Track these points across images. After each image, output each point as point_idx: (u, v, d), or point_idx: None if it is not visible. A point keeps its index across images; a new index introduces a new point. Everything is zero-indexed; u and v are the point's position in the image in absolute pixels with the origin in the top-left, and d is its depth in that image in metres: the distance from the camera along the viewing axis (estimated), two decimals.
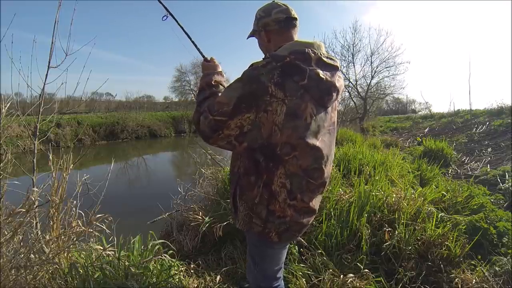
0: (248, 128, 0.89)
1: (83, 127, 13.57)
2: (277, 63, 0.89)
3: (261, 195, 0.97)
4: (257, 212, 1.00)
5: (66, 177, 1.68)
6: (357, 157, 3.75)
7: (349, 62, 14.09)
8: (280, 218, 0.99)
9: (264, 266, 1.15)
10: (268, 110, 0.87)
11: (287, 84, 0.88)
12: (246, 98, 0.87)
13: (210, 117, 0.90)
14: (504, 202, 3.04)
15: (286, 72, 0.88)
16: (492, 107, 11.33)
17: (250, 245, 1.16)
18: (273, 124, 0.89)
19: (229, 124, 0.89)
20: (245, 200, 1.01)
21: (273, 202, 0.98)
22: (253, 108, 0.87)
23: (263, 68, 0.88)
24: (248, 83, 0.88)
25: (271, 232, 1.01)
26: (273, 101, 0.87)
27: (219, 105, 0.90)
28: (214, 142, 0.93)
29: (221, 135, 0.91)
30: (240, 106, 0.87)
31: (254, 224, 1.01)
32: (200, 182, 2.97)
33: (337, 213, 2.18)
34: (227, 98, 0.89)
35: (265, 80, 0.86)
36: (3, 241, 1.32)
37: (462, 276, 1.75)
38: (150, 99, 27.92)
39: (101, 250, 1.56)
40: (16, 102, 1.80)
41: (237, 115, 0.88)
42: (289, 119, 0.89)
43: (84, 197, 1.73)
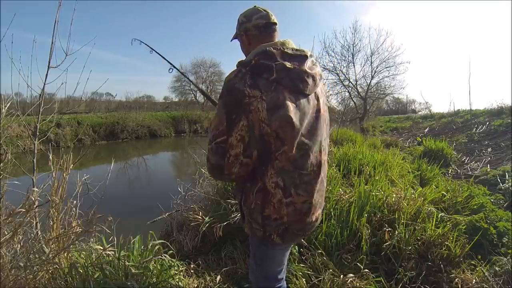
0: (248, 136, 0.93)
1: (83, 127, 13.57)
2: (245, 68, 0.95)
3: (255, 201, 1.01)
4: (254, 218, 1.03)
5: (66, 177, 1.68)
6: (357, 157, 3.75)
7: (349, 62, 14.11)
8: (276, 220, 1.00)
9: (266, 267, 1.15)
10: (252, 110, 0.91)
11: (259, 83, 0.92)
12: (232, 108, 0.92)
13: (211, 145, 0.95)
14: (504, 202, 3.04)
15: (255, 72, 0.94)
16: (492, 107, 11.33)
17: (252, 246, 1.18)
18: (259, 121, 0.92)
19: (231, 142, 0.92)
20: (246, 206, 1.04)
21: (267, 206, 0.99)
22: (241, 114, 0.91)
23: (236, 77, 0.94)
24: (227, 95, 0.93)
25: (271, 234, 1.02)
26: (252, 100, 0.91)
27: (215, 129, 0.95)
28: (229, 171, 0.96)
29: (231, 158, 0.94)
30: (231, 118, 0.92)
31: (255, 229, 1.05)
32: (200, 182, 2.97)
33: (337, 213, 2.18)
34: (218, 119, 0.94)
35: (240, 86, 0.91)
36: (3, 241, 1.32)
37: (462, 276, 1.75)
38: (150, 99, 27.94)
39: (101, 250, 1.57)
40: (16, 102, 1.79)
41: (233, 128, 0.92)
42: (272, 112, 0.92)
43: (84, 197, 1.73)
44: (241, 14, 1.12)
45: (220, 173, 0.98)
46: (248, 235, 1.16)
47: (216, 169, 0.98)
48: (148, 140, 16.41)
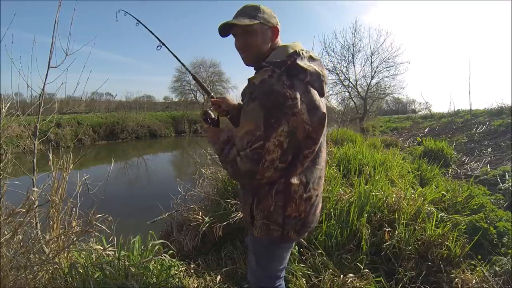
0: (286, 142, 0.90)
1: (83, 127, 13.57)
2: (280, 68, 0.91)
3: (275, 203, 0.99)
4: (274, 220, 1.02)
5: (66, 177, 1.68)
6: (357, 157, 3.75)
7: (349, 62, 14.13)
8: (295, 218, 1.02)
9: (271, 266, 1.16)
10: (296, 113, 0.89)
11: (296, 84, 0.91)
12: (271, 112, 0.87)
13: (244, 151, 0.89)
14: (504, 202, 3.04)
15: (291, 74, 0.92)
16: (492, 107, 11.33)
17: (256, 247, 1.16)
18: (303, 123, 0.92)
19: (268, 147, 0.88)
20: (261, 209, 1.02)
21: (289, 205, 1.00)
22: (282, 119, 0.88)
23: (271, 78, 0.89)
24: (265, 98, 0.88)
25: (289, 232, 1.04)
26: (295, 102, 0.89)
27: (249, 135, 0.89)
28: (262, 176, 0.91)
29: (266, 163, 0.89)
30: (270, 122, 0.87)
31: (272, 230, 1.03)
32: (200, 182, 2.97)
33: (337, 213, 2.18)
34: (252, 124, 0.89)
35: (280, 88, 0.88)
36: (3, 241, 1.32)
37: (462, 276, 1.75)
38: (150, 99, 27.92)
39: (101, 250, 1.57)
40: (16, 102, 1.79)
41: (272, 134, 0.87)
42: (312, 113, 0.93)
43: (84, 197, 1.73)
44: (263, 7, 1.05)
45: (251, 178, 0.92)
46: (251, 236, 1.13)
47: (247, 175, 0.92)
48: (148, 140, 16.41)
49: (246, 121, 0.91)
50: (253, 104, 0.89)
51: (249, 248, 1.22)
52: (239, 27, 1.01)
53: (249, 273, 1.25)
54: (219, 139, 1.06)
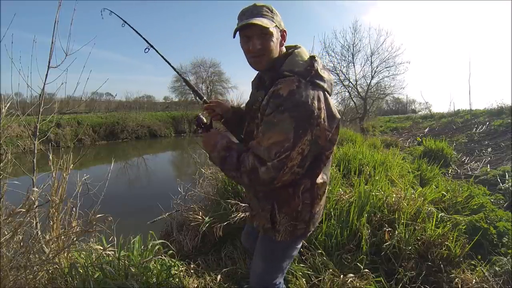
0: (307, 149, 0.92)
1: (83, 127, 13.56)
2: (305, 78, 0.94)
3: (303, 202, 1.03)
4: (302, 218, 1.06)
5: (66, 177, 1.68)
6: (357, 157, 3.75)
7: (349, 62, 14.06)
8: (318, 212, 1.10)
9: (281, 266, 1.18)
10: (319, 123, 0.93)
11: (319, 93, 0.94)
12: (301, 124, 0.89)
13: (271, 162, 0.89)
14: (504, 202, 3.04)
15: (315, 83, 0.95)
16: (492, 107, 11.33)
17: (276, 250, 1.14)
18: (325, 131, 0.95)
19: (292, 156, 0.90)
20: (285, 213, 1.04)
21: (316, 202, 1.07)
22: (308, 129, 0.90)
23: (299, 89, 0.90)
24: (295, 110, 0.89)
25: (310, 227, 1.10)
26: (319, 113, 0.92)
27: (277, 146, 0.89)
28: (279, 181, 0.92)
29: (286, 170, 0.91)
30: (298, 134, 0.89)
31: (298, 229, 1.07)
32: (200, 182, 2.97)
33: (337, 213, 2.18)
34: (283, 135, 0.88)
35: (308, 100, 0.90)
36: (3, 241, 1.32)
37: (462, 276, 1.75)
38: (150, 99, 27.93)
39: (101, 250, 1.57)
40: (16, 102, 1.79)
41: (298, 143, 0.89)
42: (330, 120, 0.97)
43: (84, 197, 1.73)
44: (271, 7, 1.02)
45: (269, 185, 0.93)
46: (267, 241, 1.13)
47: (267, 183, 0.92)
48: (148, 140, 16.40)
49: (274, 132, 0.90)
50: (282, 116, 0.89)
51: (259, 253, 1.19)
52: (256, 28, 0.96)
53: (253, 276, 1.22)
54: (216, 146, 1.02)
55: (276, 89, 0.92)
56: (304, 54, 1.01)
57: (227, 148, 1.00)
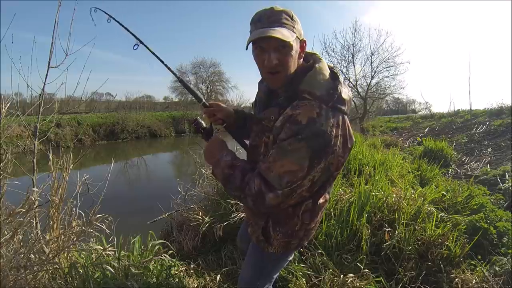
0: (318, 175, 0.88)
1: (83, 127, 13.57)
2: (327, 104, 0.85)
3: (302, 222, 1.00)
4: (297, 236, 1.03)
5: (66, 177, 1.68)
6: (357, 157, 3.75)
7: (349, 62, 14.05)
8: (313, 228, 1.07)
9: (271, 275, 1.18)
10: (334, 151, 0.87)
11: (339, 119, 0.88)
12: (317, 154, 0.84)
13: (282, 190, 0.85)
14: (504, 202, 3.04)
15: (336, 109, 0.88)
16: (492, 107, 11.36)
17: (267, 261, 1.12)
18: (338, 157, 0.90)
19: (303, 183, 0.86)
20: (281, 231, 1.02)
21: (313, 220, 1.03)
22: (323, 158, 0.85)
23: (320, 117, 0.83)
24: (314, 141, 0.82)
25: (304, 241, 1.07)
26: (336, 141, 0.87)
27: (290, 175, 0.84)
28: (285, 204, 0.90)
29: (295, 196, 0.88)
30: (313, 164, 0.84)
31: (292, 244, 1.05)
32: (200, 182, 2.96)
33: (337, 213, 2.18)
34: (297, 165, 0.83)
35: (327, 129, 0.83)
36: (3, 241, 1.32)
37: (462, 276, 1.75)
38: (150, 99, 27.90)
39: (101, 250, 1.56)
40: (16, 102, 1.79)
41: (311, 172, 0.85)
42: (345, 145, 0.92)
43: (84, 197, 1.73)
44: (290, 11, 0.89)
45: (275, 208, 0.90)
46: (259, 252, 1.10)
47: (273, 207, 0.89)
48: (148, 140, 16.41)
49: (287, 160, 0.84)
50: (298, 145, 0.82)
51: (248, 260, 1.18)
52: (274, 41, 0.84)
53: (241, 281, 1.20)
54: (220, 162, 0.97)
55: (295, 114, 0.83)
56: (325, 70, 0.91)
57: (231, 166, 0.94)
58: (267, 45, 0.86)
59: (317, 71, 0.89)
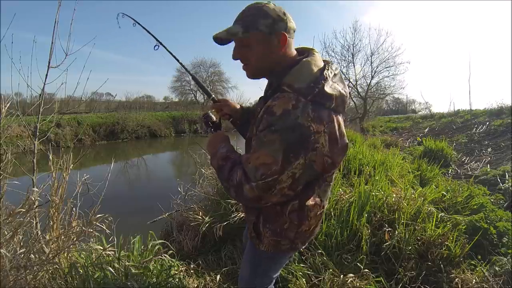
0: (300, 172, 0.84)
1: (83, 127, 13.57)
2: (306, 98, 0.82)
3: (290, 222, 0.97)
4: (286, 236, 0.99)
5: (66, 177, 1.68)
6: (357, 157, 3.75)
7: (349, 62, 14.05)
8: (306, 232, 1.02)
9: (268, 275, 1.15)
10: (316, 148, 0.83)
11: (323, 115, 0.84)
12: (292, 148, 0.81)
13: (256, 183, 0.83)
14: (504, 202, 3.04)
15: (318, 103, 0.83)
16: (492, 107, 11.38)
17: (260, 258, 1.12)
18: (323, 156, 0.86)
19: (281, 179, 0.83)
20: (270, 228, 1.00)
21: (304, 223, 0.98)
22: (301, 153, 0.82)
23: (295, 109, 0.80)
24: (287, 133, 0.80)
25: (298, 244, 1.04)
26: (317, 137, 0.83)
27: (264, 168, 0.82)
28: (267, 201, 0.88)
29: (274, 192, 0.85)
30: (288, 158, 0.81)
31: (282, 245, 1.02)
32: (200, 182, 2.96)
33: (337, 213, 2.18)
34: (269, 157, 0.81)
35: (304, 122, 0.80)
36: (3, 241, 1.32)
37: (462, 276, 1.75)
38: (150, 99, 27.84)
39: (101, 250, 1.56)
40: (16, 102, 1.80)
41: (288, 168, 0.82)
42: (334, 144, 0.87)
43: (84, 197, 1.73)
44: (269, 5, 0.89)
45: (255, 203, 0.89)
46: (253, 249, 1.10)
47: (252, 201, 0.88)
48: (148, 140, 16.40)
49: (262, 152, 0.83)
50: (272, 137, 0.81)
51: (245, 257, 1.19)
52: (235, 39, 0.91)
53: (240, 280, 1.22)
54: (217, 153, 0.99)
55: (271, 105, 0.83)
56: (313, 64, 0.88)
57: (225, 158, 0.96)
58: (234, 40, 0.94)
59: (303, 65, 0.88)
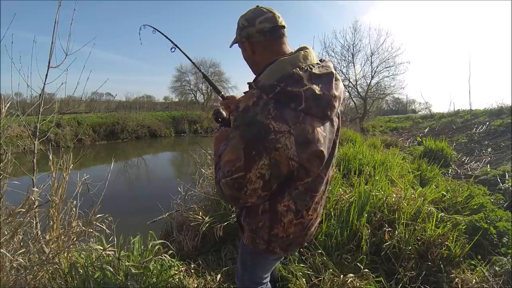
0: (268, 173, 0.82)
1: (83, 127, 13.58)
2: (268, 95, 0.80)
3: (263, 221, 0.97)
4: (260, 235, 1.00)
5: (66, 177, 1.68)
6: (357, 157, 3.75)
7: (349, 62, 14.05)
8: (283, 238, 1.00)
9: (255, 272, 1.17)
10: (278, 148, 0.79)
11: (286, 114, 0.80)
12: (252, 145, 0.79)
13: (226, 179, 0.85)
14: (504, 202, 3.04)
15: (281, 102, 0.80)
16: (492, 107, 11.37)
17: (244, 253, 1.16)
18: (288, 159, 0.82)
19: (250, 178, 0.82)
20: (248, 223, 1.02)
21: (276, 226, 0.97)
22: (263, 152, 0.79)
23: (255, 106, 0.79)
24: (246, 129, 0.80)
25: (275, 248, 1.02)
26: (279, 137, 0.78)
27: (229, 164, 0.83)
28: (245, 201, 0.88)
29: (248, 192, 0.84)
30: (250, 155, 0.80)
31: (258, 243, 1.03)
32: (200, 182, 2.97)
33: (337, 213, 2.18)
34: (233, 153, 0.82)
35: (263, 119, 0.78)
36: (3, 241, 1.32)
37: (462, 276, 1.75)
38: (150, 99, 27.87)
39: (101, 250, 1.56)
40: (16, 102, 1.80)
41: (253, 166, 0.80)
42: (301, 147, 0.82)
43: (84, 197, 1.73)
44: (241, 16, 0.97)
45: (235, 202, 0.91)
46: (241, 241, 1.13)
47: (230, 199, 0.91)
48: (148, 140, 16.42)
49: (228, 148, 0.85)
50: (234, 133, 0.82)
51: (239, 251, 1.23)
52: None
53: (236, 276, 1.26)
54: (217, 152, 1.01)
55: (237, 101, 0.85)
56: (289, 63, 0.85)
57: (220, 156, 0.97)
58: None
59: (277, 63, 0.86)
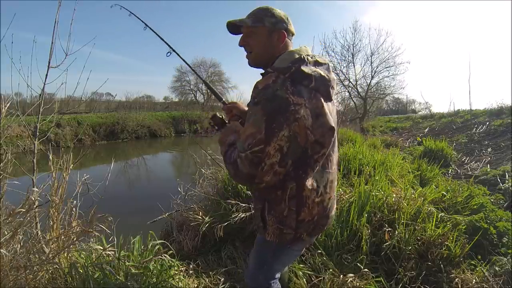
0: (287, 146, 0.91)
1: (83, 127, 13.58)
2: (284, 75, 0.93)
3: (289, 208, 1.00)
4: (287, 224, 1.02)
5: (66, 177, 1.68)
6: (357, 157, 3.75)
7: (349, 62, 14.07)
8: (309, 222, 1.03)
9: (272, 268, 1.18)
10: (298, 118, 0.90)
11: (301, 90, 0.92)
12: (273, 117, 0.88)
13: (246, 153, 0.90)
14: (504, 202, 3.04)
15: (296, 80, 0.93)
16: (492, 107, 11.38)
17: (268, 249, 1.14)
18: (306, 128, 0.92)
19: (269, 152, 0.89)
20: (273, 215, 1.03)
21: (303, 210, 1.01)
22: (284, 124, 0.89)
23: (275, 83, 0.91)
24: (268, 103, 0.89)
25: (302, 235, 1.05)
26: (298, 108, 0.90)
27: (250, 137, 0.90)
28: (260, 180, 0.93)
29: (265, 167, 0.91)
30: (271, 127, 0.88)
31: (285, 234, 1.04)
32: (200, 182, 2.96)
33: (337, 213, 2.18)
34: (254, 127, 0.90)
35: (283, 93, 0.89)
36: (3, 241, 1.32)
37: (462, 276, 1.75)
38: (150, 99, 27.85)
39: (101, 250, 1.57)
40: (16, 102, 1.80)
41: (273, 138, 0.88)
42: (315, 119, 0.93)
43: (84, 197, 1.73)
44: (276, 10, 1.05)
45: (250, 181, 0.95)
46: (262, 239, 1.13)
47: (246, 178, 0.94)
48: (148, 140, 16.41)
49: (248, 124, 0.92)
50: (255, 108, 0.91)
51: (253, 249, 1.22)
52: (244, 27, 1.06)
53: (247, 273, 1.26)
54: (227, 141, 1.06)
55: (256, 83, 0.94)
56: (296, 53, 0.99)
57: (231, 144, 1.03)
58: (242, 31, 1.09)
59: (286, 53, 1.01)
